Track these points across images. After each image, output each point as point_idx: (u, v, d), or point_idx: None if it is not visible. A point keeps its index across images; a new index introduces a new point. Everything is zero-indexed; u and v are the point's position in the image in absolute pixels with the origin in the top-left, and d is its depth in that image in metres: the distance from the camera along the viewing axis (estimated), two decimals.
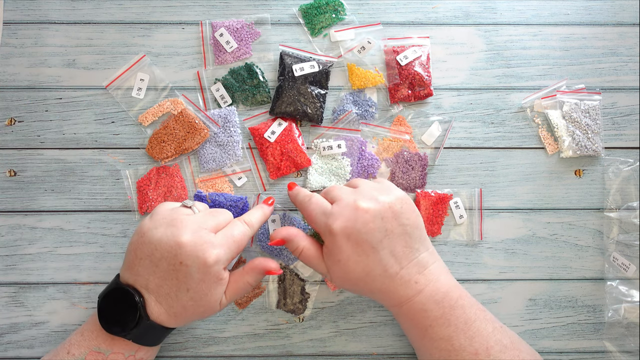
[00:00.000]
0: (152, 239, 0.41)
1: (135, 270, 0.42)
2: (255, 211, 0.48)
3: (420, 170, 0.54)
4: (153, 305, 0.42)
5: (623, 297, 0.53)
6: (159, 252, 0.41)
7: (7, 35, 0.55)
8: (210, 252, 0.41)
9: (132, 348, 0.43)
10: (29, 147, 0.54)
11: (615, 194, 0.55)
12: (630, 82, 0.56)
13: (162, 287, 0.42)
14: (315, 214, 0.44)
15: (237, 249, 0.43)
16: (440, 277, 0.44)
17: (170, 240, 0.41)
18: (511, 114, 0.56)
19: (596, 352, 0.54)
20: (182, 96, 0.55)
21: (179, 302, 0.42)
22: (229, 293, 0.44)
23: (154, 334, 0.43)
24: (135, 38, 0.55)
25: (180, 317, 0.43)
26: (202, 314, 0.43)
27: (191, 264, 0.40)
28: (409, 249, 0.43)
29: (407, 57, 0.54)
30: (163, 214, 0.43)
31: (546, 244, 0.55)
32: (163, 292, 0.42)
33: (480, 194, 0.54)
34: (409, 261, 0.43)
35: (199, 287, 0.41)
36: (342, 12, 0.56)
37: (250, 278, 0.45)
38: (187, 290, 0.41)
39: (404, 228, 0.43)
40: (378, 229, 0.42)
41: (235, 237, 0.43)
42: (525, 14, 0.57)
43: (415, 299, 0.43)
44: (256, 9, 0.56)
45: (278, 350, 0.53)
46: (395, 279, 0.43)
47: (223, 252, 0.42)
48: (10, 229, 0.53)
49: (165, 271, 0.41)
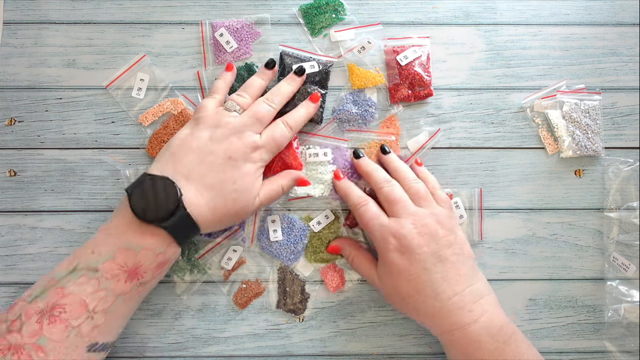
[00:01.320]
0: (201, 136, 0.45)
1: (179, 161, 0.44)
2: (299, 110, 0.50)
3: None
4: (192, 195, 0.43)
5: (623, 297, 0.53)
6: (207, 148, 0.44)
7: (7, 35, 0.55)
8: (254, 151, 0.45)
9: (162, 244, 0.42)
10: (29, 147, 0.54)
11: (615, 194, 0.55)
12: (630, 82, 0.56)
13: (206, 178, 0.44)
14: (372, 224, 0.46)
15: (277, 149, 0.48)
16: (496, 310, 0.44)
17: (218, 138, 0.45)
18: (511, 114, 0.56)
19: (596, 352, 0.54)
20: (182, 96, 0.55)
21: (222, 194, 0.44)
22: (263, 194, 0.47)
23: (186, 229, 0.43)
24: (135, 38, 0.55)
25: (217, 213, 0.44)
26: (237, 213, 0.45)
27: (239, 158, 0.45)
28: (462, 277, 0.44)
29: (407, 57, 0.54)
30: (210, 117, 0.46)
31: (546, 244, 0.55)
32: (207, 182, 0.44)
33: (480, 194, 0.54)
34: (462, 288, 0.43)
35: (243, 181, 0.45)
36: (342, 12, 0.56)
37: (284, 181, 0.49)
38: (233, 183, 0.44)
39: (457, 257, 0.45)
40: (432, 254, 0.44)
41: (276, 139, 0.47)
42: (525, 14, 0.57)
43: (469, 329, 0.42)
44: (256, 9, 0.56)
45: (278, 350, 0.53)
46: (447, 304, 0.43)
47: (265, 151, 0.47)
48: (10, 229, 0.53)
49: (213, 163, 0.44)
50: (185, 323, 0.53)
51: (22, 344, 0.38)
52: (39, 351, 0.38)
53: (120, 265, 0.41)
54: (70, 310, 0.39)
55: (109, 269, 0.41)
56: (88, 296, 0.40)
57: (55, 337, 0.39)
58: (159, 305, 0.53)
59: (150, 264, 0.42)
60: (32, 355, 0.38)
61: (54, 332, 0.39)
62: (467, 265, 0.45)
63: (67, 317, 0.39)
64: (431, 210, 0.46)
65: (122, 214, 0.43)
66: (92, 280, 0.40)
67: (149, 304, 0.53)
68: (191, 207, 0.42)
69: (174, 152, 0.45)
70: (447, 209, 0.48)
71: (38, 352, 0.38)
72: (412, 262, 0.44)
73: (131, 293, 0.42)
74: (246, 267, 0.53)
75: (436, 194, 0.49)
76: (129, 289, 0.42)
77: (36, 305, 0.39)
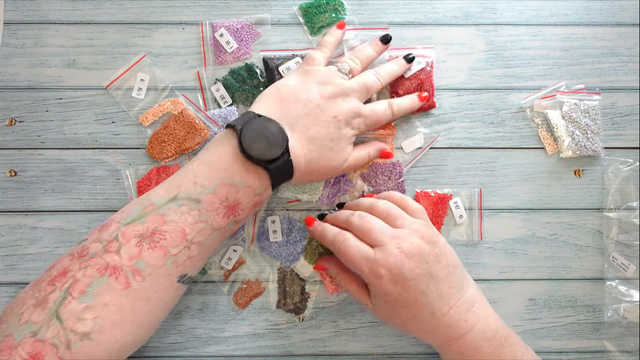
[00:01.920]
0: (311, 89, 0.46)
1: (286, 108, 0.45)
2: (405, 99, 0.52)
3: (396, 178, 0.54)
4: (295, 143, 0.44)
5: (622, 297, 0.53)
6: (315, 102, 0.45)
7: (7, 35, 0.55)
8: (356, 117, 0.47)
9: (262, 185, 0.43)
10: (30, 147, 0.54)
11: (614, 194, 0.55)
12: (630, 82, 0.56)
13: (310, 131, 0.44)
14: (357, 259, 0.43)
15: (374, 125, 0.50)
16: (489, 315, 0.44)
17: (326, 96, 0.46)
18: (511, 114, 0.56)
19: (596, 352, 0.54)
20: (182, 96, 0.55)
21: (320, 150, 0.45)
22: (352, 158, 0.48)
23: (284, 174, 0.44)
24: (136, 38, 0.55)
25: (310, 165, 0.45)
26: (327, 171, 0.47)
27: (342, 120, 0.46)
28: (454, 288, 0.44)
29: (411, 69, 0.54)
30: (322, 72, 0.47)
31: (546, 244, 0.55)
32: (309, 135, 0.44)
33: (480, 194, 0.55)
34: (456, 300, 0.43)
35: (340, 142, 0.46)
36: (342, 11, 0.56)
37: (371, 149, 0.51)
38: (331, 141, 0.45)
39: (447, 269, 0.44)
40: (424, 274, 0.43)
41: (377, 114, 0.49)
42: (525, 14, 0.57)
43: (466, 337, 0.43)
44: (256, 9, 0.56)
45: (278, 350, 0.53)
46: (444, 319, 0.43)
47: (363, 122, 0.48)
48: (10, 229, 0.53)
49: (318, 119, 0.45)
50: (185, 323, 0.53)
51: (120, 265, 0.38)
52: (137, 274, 0.38)
53: (222, 200, 0.41)
54: (171, 238, 0.40)
55: (211, 201, 0.41)
56: (188, 226, 0.40)
57: (153, 263, 0.39)
58: None
59: (248, 203, 0.43)
60: (129, 277, 0.38)
61: (154, 257, 0.39)
62: (456, 275, 0.45)
63: (166, 245, 0.39)
64: (410, 228, 0.44)
65: (224, 148, 0.43)
66: (193, 211, 0.40)
67: None
68: (293, 154, 0.43)
69: (283, 98, 0.45)
70: (423, 218, 0.47)
71: (136, 275, 0.38)
72: (407, 289, 0.42)
73: (225, 229, 0.43)
74: (246, 267, 0.53)
75: (407, 206, 0.47)
76: (224, 224, 0.42)
77: (135, 228, 0.39)
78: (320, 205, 0.54)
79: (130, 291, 0.38)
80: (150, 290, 0.39)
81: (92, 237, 0.40)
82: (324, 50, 0.50)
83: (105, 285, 0.37)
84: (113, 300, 0.37)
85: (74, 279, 0.37)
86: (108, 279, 0.37)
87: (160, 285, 0.40)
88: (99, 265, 0.38)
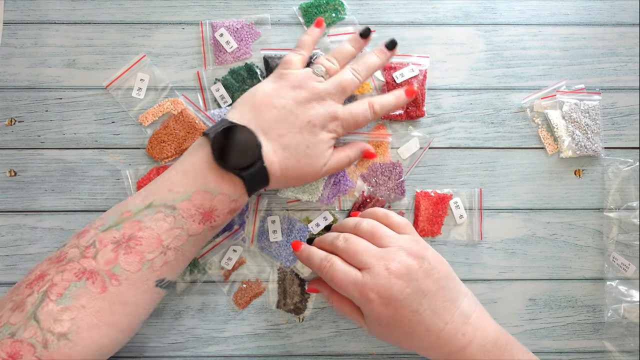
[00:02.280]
0: (285, 95, 0.45)
1: (260, 114, 0.44)
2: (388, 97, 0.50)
3: (396, 178, 0.54)
4: (269, 150, 0.43)
5: (623, 297, 0.53)
6: (289, 108, 0.45)
7: (7, 35, 0.55)
8: (332, 121, 0.46)
9: (237, 192, 0.43)
10: (29, 147, 0.54)
11: (615, 194, 0.55)
12: (630, 82, 0.56)
13: (284, 137, 0.44)
14: (345, 284, 0.42)
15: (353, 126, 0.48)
16: (486, 325, 0.43)
17: (301, 101, 0.45)
18: (511, 114, 0.56)
19: (596, 352, 0.54)
20: (182, 96, 0.55)
21: (295, 156, 0.44)
22: (331, 162, 0.48)
23: (259, 181, 0.44)
24: (135, 38, 0.55)
25: (287, 172, 0.45)
26: (304, 177, 0.46)
27: (317, 124, 0.45)
28: (449, 302, 0.42)
29: (404, 75, 0.54)
30: (297, 75, 0.46)
31: (546, 244, 0.55)
32: (283, 141, 0.44)
33: (480, 194, 0.55)
34: (452, 314, 0.42)
35: (316, 147, 0.45)
36: (342, 11, 0.56)
37: (351, 152, 0.50)
38: (307, 147, 0.45)
39: (438, 283, 0.42)
40: (415, 292, 0.41)
41: (355, 116, 0.47)
42: (525, 14, 0.57)
43: (465, 351, 0.42)
44: (256, 9, 0.56)
45: (278, 350, 0.53)
46: (441, 335, 0.42)
47: (341, 124, 0.47)
48: (10, 229, 0.53)
49: (292, 124, 0.44)
50: (185, 323, 0.53)
51: (97, 269, 0.39)
52: (113, 279, 0.39)
53: (197, 207, 0.42)
54: (146, 244, 0.40)
55: (186, 208, 0.42)
56: (164, 232, 0.41)
57: (129, 268, 0.39)
58: (159, 305, 0.53)
59: (224, 209, 0.43)
60: (106, 281, 0.39)
61: (130, 262, 0.39)
62: (449, 287, 0.43)
63: (142, 250, 0.40)
64: (396, 245, 0.43)
65: (198, 156, 0.43)
66: (169, 217, 0.41)
67: None
68: (267, 161, 0.43)
69: (257, 105, 0.45)
70: (409, 232, 0.45)
71: (112, 280, 0.39)
72: (399, 310, 0.41)
73: (201, 235, 0.43)
74: (246, 267, 0.53)
75: (391, 222, 0.46)
76: (200, 231, 0.43)
77: (111, 234, 0.40)
78: (320, 205, 0.54)
79: (107, 295, 0.39)
80: (127, 294, 0.40)
81: (70, 243, 0.41)
82: (301, 52, 0.49)
83: (83, 288, 0.38)
84: (90, 303, 0.38)
85: (52, 282, 0.38)
86: (85, 282, 0.38)
87: (137, 289, 0.40)
88: (76, 270, 0.39)
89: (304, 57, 0.49)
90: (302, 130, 0.45)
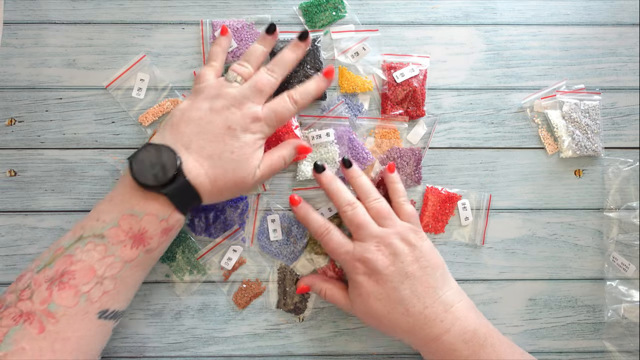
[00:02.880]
0: (201, 107, 0.45)
1: (179, 131, 0.44)
2: (308, 84, 0.49)
3: (414, 165, 0.54)
4: (192, 164, 0.43)
5: (623, 297, 0.53)
6: (206, 118, 0.45)
7: (7, 35, 0.55)
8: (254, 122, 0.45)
9: (165, 210, 0.43)
10: (29, 147, 0.54)
11: (615, 194, 0.55)
12: (630, 82, 0.56)
13: (206, 148, 0.44)
14: (337, 252, 0.47)
15: (278, 123, 0.47)
16: (468, 315, 0.44)
17: (218, 109, 0.45)
18: (511, 114, 0.56)
19: (596, 352, 0.54)
20: (182, 96, 0.55)
21: (221, 164, 0.44)
22: (264, 165, 0.47)
23: (187, 197, 0.43)
24: (135, 38, 0.55)
25: (217, 183, 0.44)
26: (237, 184, 0.45)
27: (238, 128, 0.44)
28: (431, 288, 0.44)
29: (404, 75, 0.54)
30: (210, 87, 0.46)
31: (546, 244, 0.55)
32: (206, 152, 0.44)
33: (490, 200, 0.54)
34: (433, 300, 0.44)
35: (242, 151, 0.45)
36: (342, 10, 0.56)
37: (284, 151, 0.49)
38: (231, 152, 0.44)
39: (424, 270, 0.45)
40: (398, 272, 0.44)
41: (278, 112, 0.47)
42: (525, 14, 0.57)
43: (442, 338, 0.43)
44: (256, 9, 0.56)
45: (278, 350, 0.53)
46: (420, 318, 0.43)
47: (265, 124, 0.46)
48: (10, 229, 0.53)
49: (212, 134, 0.44)
50: (185, 323, 0.53)
51: (33, 310, 0.39)
52: (50, 317, 0.39)
53: (126, 231, 0.41)
54: (80, 277, 0.40)
55: (115, 234, 0.41)
56: (96, 262, 0.40)
57: (65, 303, 0.39)
58: (159, 305, 0.53)
59: (155, 230, 0.42)
60: (43, 321, 0.38)
61: (64, 297, 0.39)
62: (435, 276, 0.45)
63: (76, 283, 0.40)
64: (394, 229, 0.46)
65: (124, 182, 0.43)
66: (99, 246, 0.41)
67: (149, 304, 0.53)
68: (190, 176, 0.42)
69: (174, 123, 0.45)
70: (413, 222, 0.48)
71: (49, 318, 0.39)
72: (380, 283, 0.44)
73: (138, 260, 0.42)
74: (246, 267, 0.53)
75: (402, 208, 0.49)
76: (135, 256, 0.42)
77: (45, 273, 0.40)
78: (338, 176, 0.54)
79: (47, 334, 0.38)
80: (67, 330, 0.39)
81: (9, 289, 0.41)
82: (212, 64, 0.49)
83: (21, 331, 0.38)
84: (30, 345, 0.38)
85: None
86: (22, 325, 0.38)
87: (78, 324, 0.40)
88: (14, 314, 0.39)
89: (216, 67, 0.49)
90: (223, 137, 0.44)
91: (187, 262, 0.52)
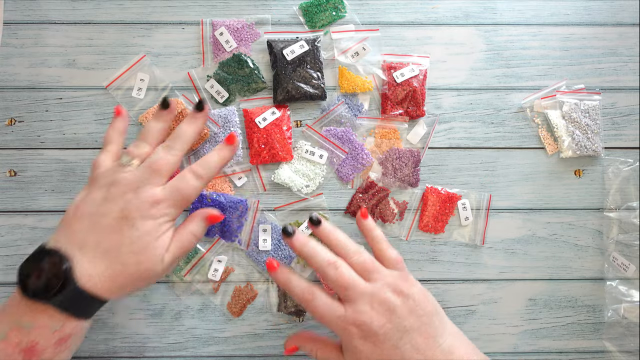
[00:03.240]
0: (94, 198, 0.41)
1: (71, 230, 0.41)
2: (210, 156, 0.45)
3: (412, 166, 0.54)
4: (87, 266, 0.39)
5: (623, 297, 0.53)
6: (100, 211, 0.41)
7: (7, 35, 0.55)
8: (153, 206, 0.41)
9: (57, 321, 0.39)
10: (29, 147, 0.54)
11: (615, 194, 0.55)
12: (630, 82, 0.56)
13: (102, 243, 0.40)
14: (328, 318, 0.42)
15: (184, 202, 0.43)
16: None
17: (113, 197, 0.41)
18: (511, 114, 0.56)
19: (596, 352, 0.54)
20: (182, 96, 0.55)
21: (119, 258, 0.40)
22: (174, 247, 0.43)
23: (83, 303, 0.39)
24: (135, 38, 0.55)
25: (117, 280, 0.40)
26: (142, 276, 0.41)
27: (135, 216, 0.40)
28: (431, 338, 0.42)
29: (404, 75, 0.54)
30: (104, 174, 0.43)
31: (546, 244, 0.55)
32: (102, 247, 0.40)
33: (490, 200, 0.54)
34: (433, 351, 0.42)
35: (142, 241, 0.41)
36: (342, 9, 0.56)
37: (193, 227, 0.44)
38: (131, 244, 0.40)
39: (421, 320, 0.42)
40: (395, 329, 0.41)
41: (182, 190, 0.42)
42: (525, 14, 0.57)
43: None
44: (256, 9, 0.56)
45: (278, 350, 0.53)
46: None
47: (168, 205, 0.42)
48: (10, 229, 0.53)
49: (107, 226, 0.40)
50: (185, 323, 0.53)
51: None
52: None
53: (14, 346, 0.38)
54: None
55: (4, 349, 0.38)
56: None
57: None
58: (159, 305, 0.53)
59: (48, 342, 0.39)
60: None
61: None
62: (433, 325, 0.43)
63: None
64: (383, 281, 0.43)
65: (14, 292, 0.40)
66: None
67: (149, 304, 0.53)
68: (83, 280, 0.39)
69: (67, 221, 0.41)
70: (400, 268, 0.45)
71: None
72: (378, 344, 0.41)
73: None
74: (234, 275, 0.53)
75: (386, 256, 0.46)
76: None
77: None
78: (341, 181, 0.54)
79: None
80: None
81: None
82: (107, 149, 0.45)
83: None
84: None
85: None
86: None
87: None
88: None
89: (112, 152, 0.45)
90: (120, 229, 0.40)
91: (186, 261, 0.52)
